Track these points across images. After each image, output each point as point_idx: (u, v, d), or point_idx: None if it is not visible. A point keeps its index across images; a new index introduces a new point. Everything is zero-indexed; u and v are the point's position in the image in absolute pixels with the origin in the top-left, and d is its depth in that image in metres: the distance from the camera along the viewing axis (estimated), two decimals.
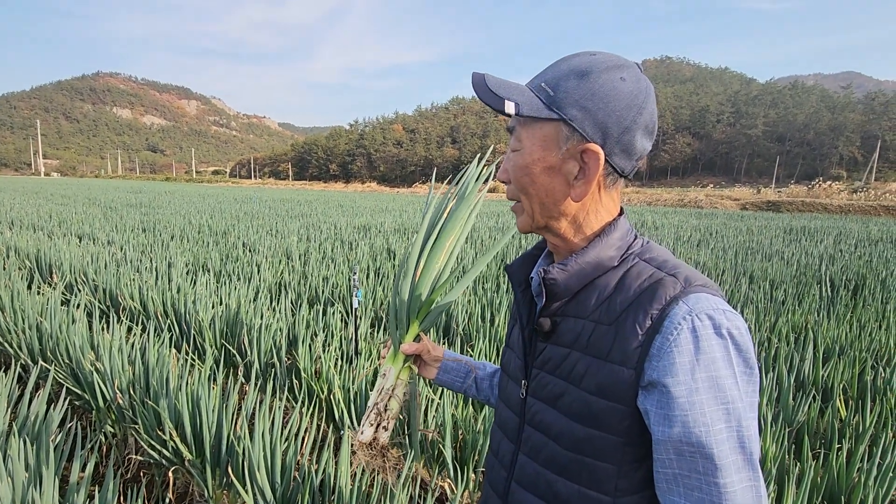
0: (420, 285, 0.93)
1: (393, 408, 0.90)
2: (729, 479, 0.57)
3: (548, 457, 0.71)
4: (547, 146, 0.67)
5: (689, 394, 0.59)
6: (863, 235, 10.91)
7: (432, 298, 0.95)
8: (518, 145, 0.71)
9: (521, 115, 0.66)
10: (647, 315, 0.63)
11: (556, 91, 0.66)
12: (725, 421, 0.58)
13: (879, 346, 3.42)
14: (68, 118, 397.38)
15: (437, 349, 0.99)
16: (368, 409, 0.90)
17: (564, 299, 0.72)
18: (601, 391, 0.65)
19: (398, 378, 0.92)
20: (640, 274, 0.67)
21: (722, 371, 0.59)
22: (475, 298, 4.19)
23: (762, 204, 24.89)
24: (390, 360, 0.94)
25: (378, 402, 0.90)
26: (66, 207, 13.62)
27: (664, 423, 0.60)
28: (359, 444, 0.87)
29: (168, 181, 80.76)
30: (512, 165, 0.72)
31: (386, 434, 0.89)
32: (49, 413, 1.99)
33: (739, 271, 6.00)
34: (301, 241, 7.95)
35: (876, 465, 1.87)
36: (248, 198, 22.86)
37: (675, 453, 0.60)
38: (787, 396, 2.50)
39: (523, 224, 0.76)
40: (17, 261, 5.67)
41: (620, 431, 0.65)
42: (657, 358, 0.61)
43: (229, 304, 3.66)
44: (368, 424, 0.88)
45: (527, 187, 0.71)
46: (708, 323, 0.60)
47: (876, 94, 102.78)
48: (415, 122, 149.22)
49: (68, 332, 2.81)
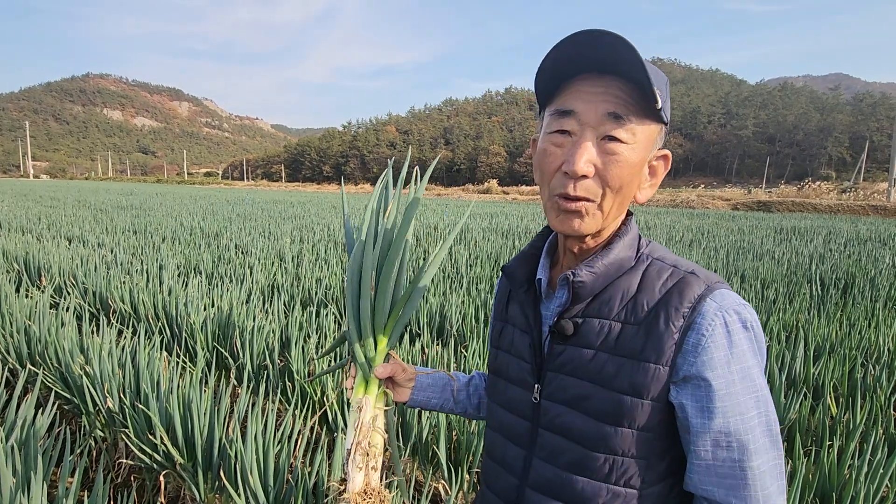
0: (381, 295, 0.83)
1: (378, 443, 0.79)
2: (758, 460, 0.62)
3: (571, 459, 0.70)
4: (649, 146, 0.67)
5: (727, 386, 0.62)
6: (852, 235, 11.04)
7: (397, 307, 0.86)
8: (629, 138, 0.63)
9: (661, 108, 0.63)
10: (678, 313, 0.65)
11: (663, 93, 0.64)
12: (756, 408, 0.62)
13: (869, 343, 3.45)
14: (58, 120, 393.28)
15: (409, 368, 0.91)
16: (351, 451, 0.78)
17: (587, 301, 0.71)
18: (634, 389, 0.65)
19: (375, 407, 0.82)
20: (660, 273, 0.69)
21: (750, 361, 0.63)
22: (469, 299, 4.19)
23: (753, 204, 25.12)
24: (361, 388, 0.82)
25: (360, 441, 0.78)
26: (55, 210, 13.47)
27: (703, 415, 0.63)
28: (352, 495, 0.76)
29: (160, 183, 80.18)
30: (611, 160, 0.64)
31: (376, 475, 0.79)
32: (37, 418, 1.96)
33: (731, 271, 6.05)
34: (294, 242, 7.91)
35: (867, 462, 1.88)
36: (241, 199, 22.74)
37: (713, 444, 0.63)
38: (778, 395, 2.52)
39: (592, 227, 0.68)
40: (6, 264, 5.60)
41: (653, 427, 0.66)
42: (693, 353, 0.63)
43: (221, 306, 3.63)
44: (356, 469, 0.77)
45: (624, 185, 0.66)
46: (736, 318, 0.63)
47: (864, 96, 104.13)
48: (408, 124, 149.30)
49: (57, 336, 2.77)
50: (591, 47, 0.61)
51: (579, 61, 0.63)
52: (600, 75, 0.64)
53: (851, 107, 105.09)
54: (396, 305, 0.86)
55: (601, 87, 0.63)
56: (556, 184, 0.67)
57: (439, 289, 4.60)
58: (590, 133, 0.64)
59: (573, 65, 0.64)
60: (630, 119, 0.63)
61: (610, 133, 0.63)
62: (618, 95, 0.63)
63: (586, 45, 0.61)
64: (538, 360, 0.75)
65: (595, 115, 0.63)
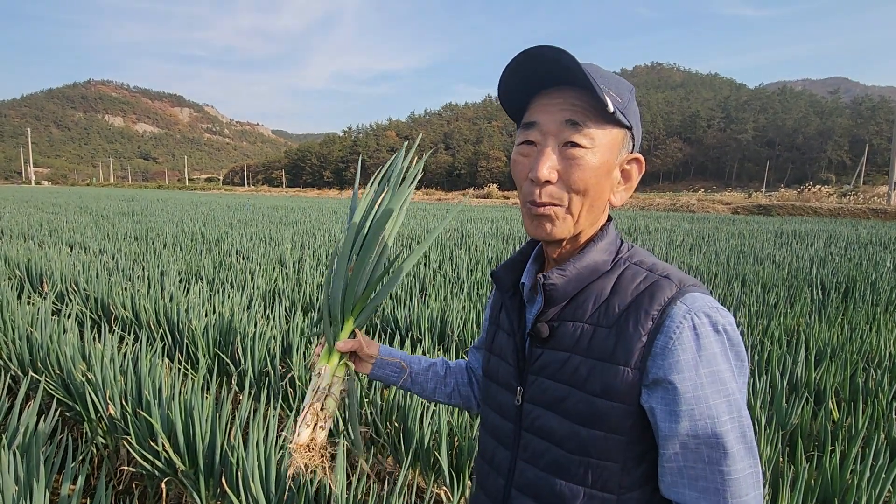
0: (353, 281, 0.91)
1: (330, 406, 0.88)
2: (734, 466, 0.61)
3: (550, 461, 0.72)
4: (613, 150, 0.69)
5: (694, 389, 0.62)
6: (852, 238, 11.03)
7: (367, 294, 0.94)
8: (588, 143, 0.66)
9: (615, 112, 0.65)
10: (647, 316, 0.65)
11: (622, 98, 0.68)
12: (728, 412, 0.62)
13: (870, 348, 3.45)
14: (59, 126, 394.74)
15: (373, 345, 0.97)
16: (304, 410, 0.87)
17: (562, 304, 0.73)
18: (606, 392, 0.66)
19: (334, 376, 0.90)
20: (635, 277, 0.70)
21: (721, 365, 0.63)
22: (469, 304, 4.19)
23: (753, 208, 25.12)
24: (325, 358, 0.91)
25: (314, 402, 0.87)
26: (56, 216, 13.50)
27: (671, 418, 0.63)
28: (296, 445, 0.84)
29: (161, 189, 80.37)
30: (572, 164, 0.66)
31: (323, 434, 0.87)
32: (39, 425, 1.97)
33: (732, 275, 6.05)
34: (295, 248, 7.92)
35: (869, 467, 1.88)
36: (242, 205, 22.78)
37: (682, 447, 0.63)
38: (780, 399, 2.52)
39: (563, 231, 0.70)
40: (7, 270, 5.61)
41: (624, 430, 0.66)
42: (661, 356, 0.63)
43: (223, 312, 3.63)
44: (305, 425, 0.86)
45: (589, 188, 0.68)
46: (706, 320, 0.63)
47: (863, 100, 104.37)
48: (408, 129, 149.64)
49: (59, 343, 2.78)
50: (537, 63, 0.65)
51: (534, 78, 0.68)
52: (558, 87, 0.68)
53: (851, 110, 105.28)
54: (367, 290, 0.94)
55: (559, 98, 0.67)
56: (526, 191, 0.70)
57: (440, 294, 4.61)
58: (551, 141, 0.67)
59: (530, 82, 0.69)
60: (588, 125, 0.66)
61: (569, 139, 0.66)
62: (574, 104, 0.66)
63: (532, 63, 0.66)
64: (521, 363, 0.77)
65: (554, 124, 0.67)
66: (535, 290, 0.80)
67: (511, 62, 0.66)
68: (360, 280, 0.92)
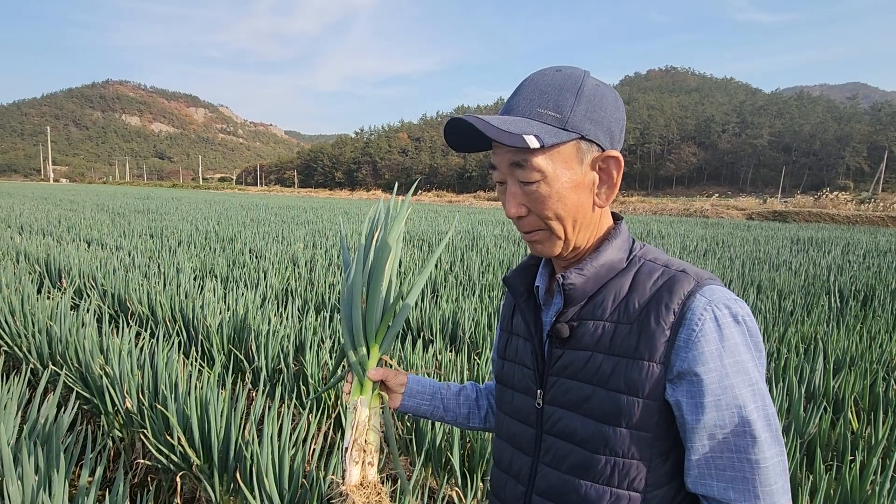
0: (371, 308, 0.91)
1: (373, 440, 0.85)
2: (762, 454, 0.61)
3: (574, 463, 0.71)
4: (570, 165, 0.68)
5: (720, 379, 0.62)
6: (871, 246, 10.83)
7: (385, 319, 0.93)
8: (538, 176, 0.67)
9: (545, 145, 0.65)
10: (668, 310, 0.66)
11: (562, 112, 0.67)
12: (753, 401, 0.62)
13: (890, 356, 3.38)
14: (78, 125, 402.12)
15: (401, 374, 0.95)
16: (348, 449, 0.83)
17: (580, 304, 0.73)
18: (630, 388, 0.66)
19: (370, 407, 0.87)
20: (651, 273, 0.70)
21: (744, 355, 0.63)
22: (481, 306, 4.19)
23: (768, 214, 24.77)
24: (357, 391, 0.88)
25: (357, 438, 0.84)
26: (74, 213, 13.75)
27: (697, 410, 0.63)
28: (349, 487, 0.80)
29: (175, 188, 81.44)
30: (534, 198, 0.69)
31: (373, 470, 0.84)
32: (59, 417, 2.00)
33: (747, 281, 5.97)
34: (307, 247, 7.98)
35: (889, 478, 1.84)
36: (255, 204, 23.00)
37: (709, 438, 0.63)
38: (797, 408, 2.48)
39: (556, 248, 0.73)
40: (27, 265, 5.72)
41: (650, 427, 0.67)
42: (685, 349, 0.64)
43: (236, 309, 3.67)
44: (353, 463, 0.82)
45: (559, 211, 0.69)
46: (727, 312, 0.64)
47: (882, 106, 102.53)
48: (420, 131, 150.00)
49: (77, 337, 2.83)
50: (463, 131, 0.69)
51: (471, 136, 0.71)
52: None
53: (869, 116, 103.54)
54: (385, 316, 0.93)
55: (499, 144, 0.70)
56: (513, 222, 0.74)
57: (451, 296, 4.61)
58: (511, 180, 0.71)
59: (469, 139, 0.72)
60: (530, 161, 0.67)
61: (520, 179, 0.69)
62: (509, 148, 0.68)
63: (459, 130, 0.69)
64: (540, 365, 0.77)
65: (505, 166, 0.70)
66: (550, 293, 0.80)
67: (445, 128, 0.70)
68: (375, 307, 0.92)
